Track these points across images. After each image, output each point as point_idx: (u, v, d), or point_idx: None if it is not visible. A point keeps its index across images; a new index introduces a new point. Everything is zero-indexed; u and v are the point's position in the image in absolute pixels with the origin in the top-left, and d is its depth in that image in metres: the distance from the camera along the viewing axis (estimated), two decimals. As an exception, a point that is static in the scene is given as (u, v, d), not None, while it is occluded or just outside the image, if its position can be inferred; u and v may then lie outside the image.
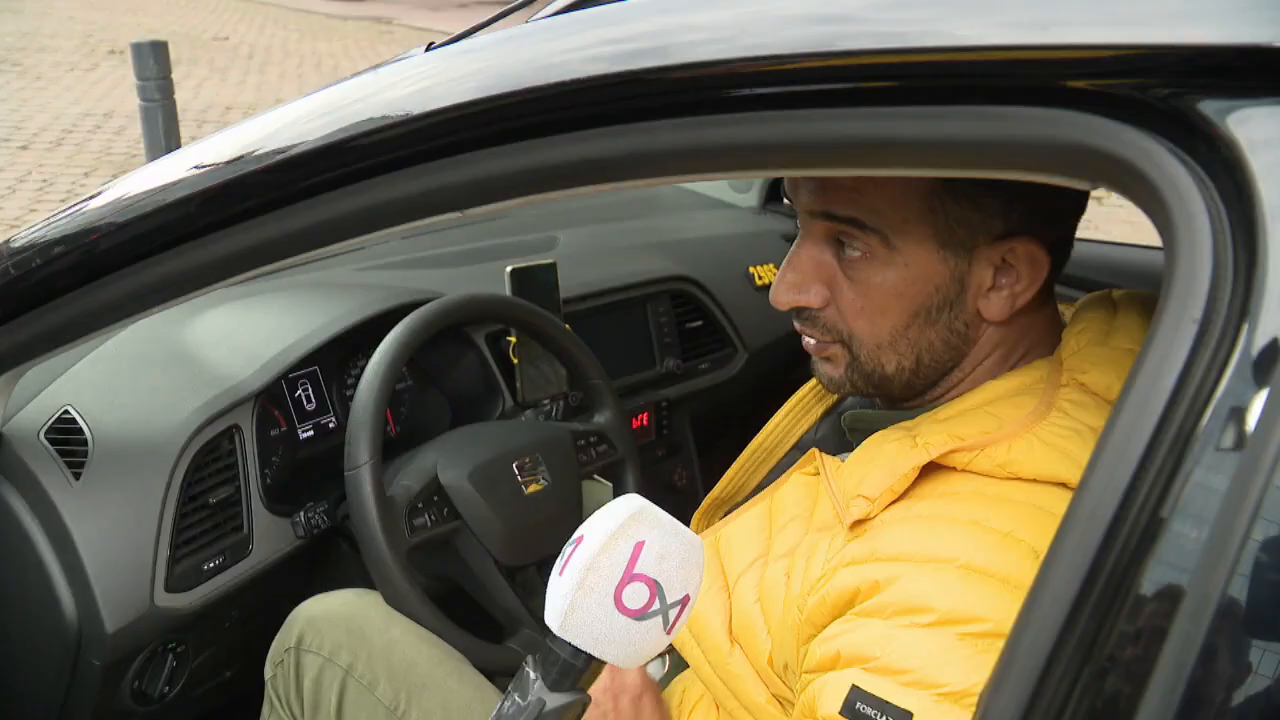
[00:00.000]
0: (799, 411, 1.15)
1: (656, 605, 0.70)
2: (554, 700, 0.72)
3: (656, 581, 0.70)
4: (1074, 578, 0.53)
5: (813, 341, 0.93)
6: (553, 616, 0.71)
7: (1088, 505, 0.54)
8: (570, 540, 0.73)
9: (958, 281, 0.86)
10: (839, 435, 1.04)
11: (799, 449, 1.11)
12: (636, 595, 0.70)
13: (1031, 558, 0.75)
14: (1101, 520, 0.53)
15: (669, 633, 0.72)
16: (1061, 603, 0.53)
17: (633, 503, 0.73)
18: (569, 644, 0.71)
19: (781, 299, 0.91)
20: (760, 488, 1.05)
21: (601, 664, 0.73)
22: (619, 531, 0.70)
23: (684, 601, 0.72)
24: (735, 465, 1.17)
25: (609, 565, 0.70)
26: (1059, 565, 0.54)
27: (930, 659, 0.74)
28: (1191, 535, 0.50)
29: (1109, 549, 0.52)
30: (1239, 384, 0.51)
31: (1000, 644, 0.56)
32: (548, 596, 0.72)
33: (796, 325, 0.93)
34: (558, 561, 0.73)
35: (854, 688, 0.76)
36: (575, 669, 0.72)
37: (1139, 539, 0.52)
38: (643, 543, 0.70)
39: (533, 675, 0.73)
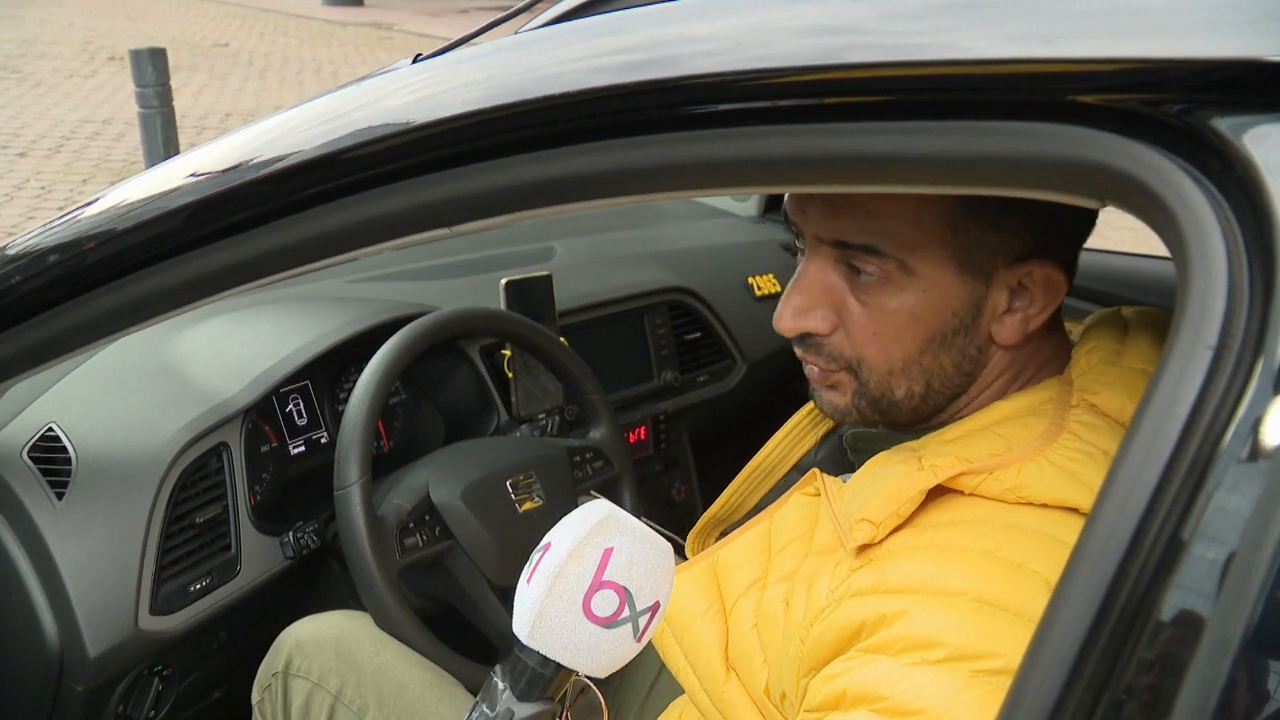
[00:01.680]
0: (799, 433, 1.12)
1: (626, 613, 0.70)
2: (522, 710, 0.72)
3: (626, 589, 0.69)
4: (1088, 607, 0.51)
5: (816, 370, 0.89)
6: (520, 625, 0.71)
7: (1101, 533, 0.51)
8: (538, 547, 0.71)
9: (974, 306, 0.83)
10: (840, 456, 1.02)
11: (798, 470, 1.08)
12: (605, 603, 0.69)
13: (1045, 589, 0.72)
14: (1116, 549, 0.51)
15: (639, 640, 0.71)
16: (1074, 634, 0.51)
17: (601, 508, 0.72)
18: (537, 653, 0.71)
19: (787, 326, 0.87)
20: (758, 509, 1.03)
21: (570, 672, 0.72)
22: (587, 538, 0.70)
23: (654, 608, 0.71)
24: (732, 486, 1.15)
25: (577, 573, 0.69)
26: (1071, 594, 0.52)
27: (942, 699, 0.71)
28: (1211, 562, 0.48)
29: (1124, 577, 0.50)
30: (1257, 411, 0.49)
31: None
32: (515, 604, 0.72)
33: (798, 351, 0.89)
34: (525, 568, 0.71)
35: None
36: (544, 678, 0.72)
37: (1155, 567, 0.50)
38: (611, 549, 0.69)
39: (501, 685, 0.73)
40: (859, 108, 0.63)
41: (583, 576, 0.69)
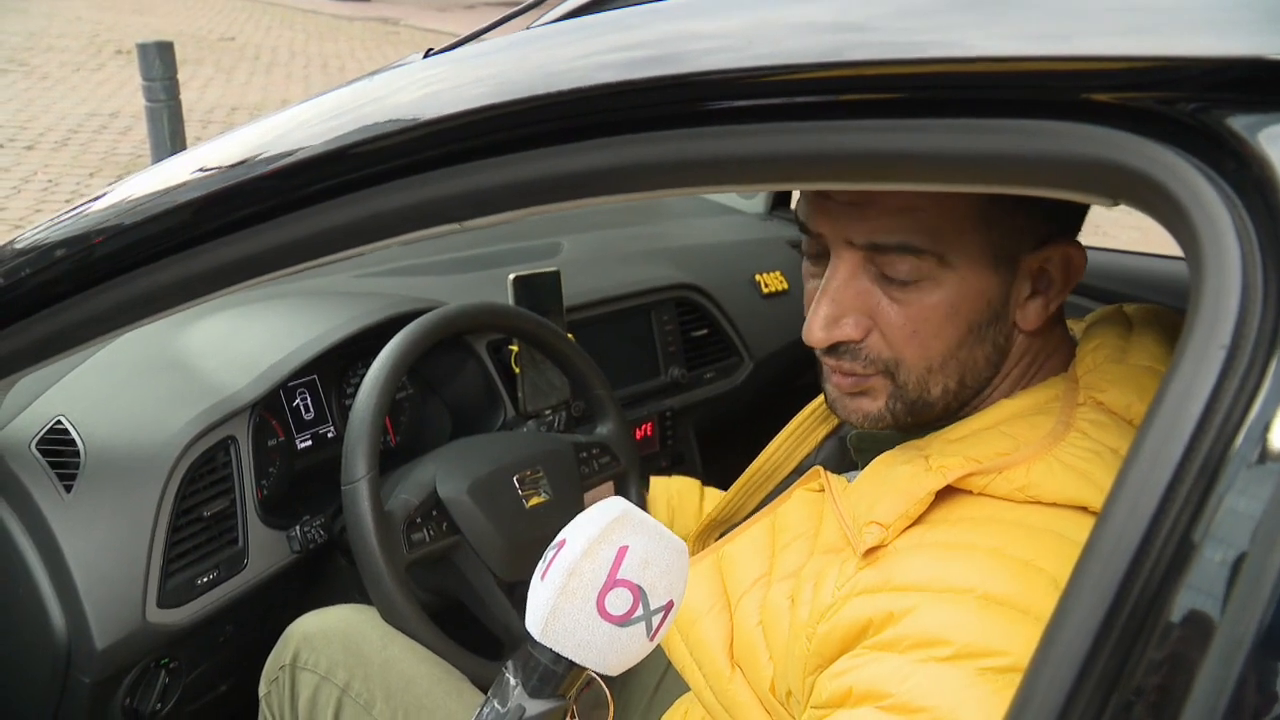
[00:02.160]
0: (800, 434, 1.12)
1: (640, 611, 0.69)
2: (534, 707, 0.71)
3: (640, 587, 0.69)
4: (1098, 607, 0.51)
5: (849, 379, 0.87)
6: (533, 622, 0.71)
7: (1111, 533, 0.51)
8: (552, 544, 0.71)
9: (1004, 293, 0.83)
10: (841, 456, 1.02)
11: (798, 473, 1.08)
12: (619, 601, 0.69)
13: (1052, 587, 0.72)
14: (1127, 549, 0.50)
15: (652, 639, 0.71)
16: (1084, 633, 0.51)
17: (616, 506, 0.72)
18: (550, 650, 0.70)
19: (819, 337, 0.84)
20: (760, 509, 1.03)
21: (582, 670, 0.72)
22: (602, 536, 0.69)
23: (667, 608, 0.70)
24: (733, 488, 1.15)
25: (591, 570, 0.69)
26: (1081, 594, 0.52)
27: (949, 696, 0.71)
28: (1222, 563, 0.48)
29: (1134, 578, 0.50)
30: (1270, 412, 0.49)
31: (1020, 680, 0.54)
32: (528, 601, 0.71)
33: (829, 362, 0.87)
34: (539, 565, 0.71)
35: None
36: (556, 675, 0.71)
37: (1166, 567, 0.49)
38: (626, 547, 0.69)
39: (512, 681, 0.73)
40: (870, 105, 0.62)
41: (597, 574, 0.68)
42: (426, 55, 0.84)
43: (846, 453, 1.01)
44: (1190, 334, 0.52)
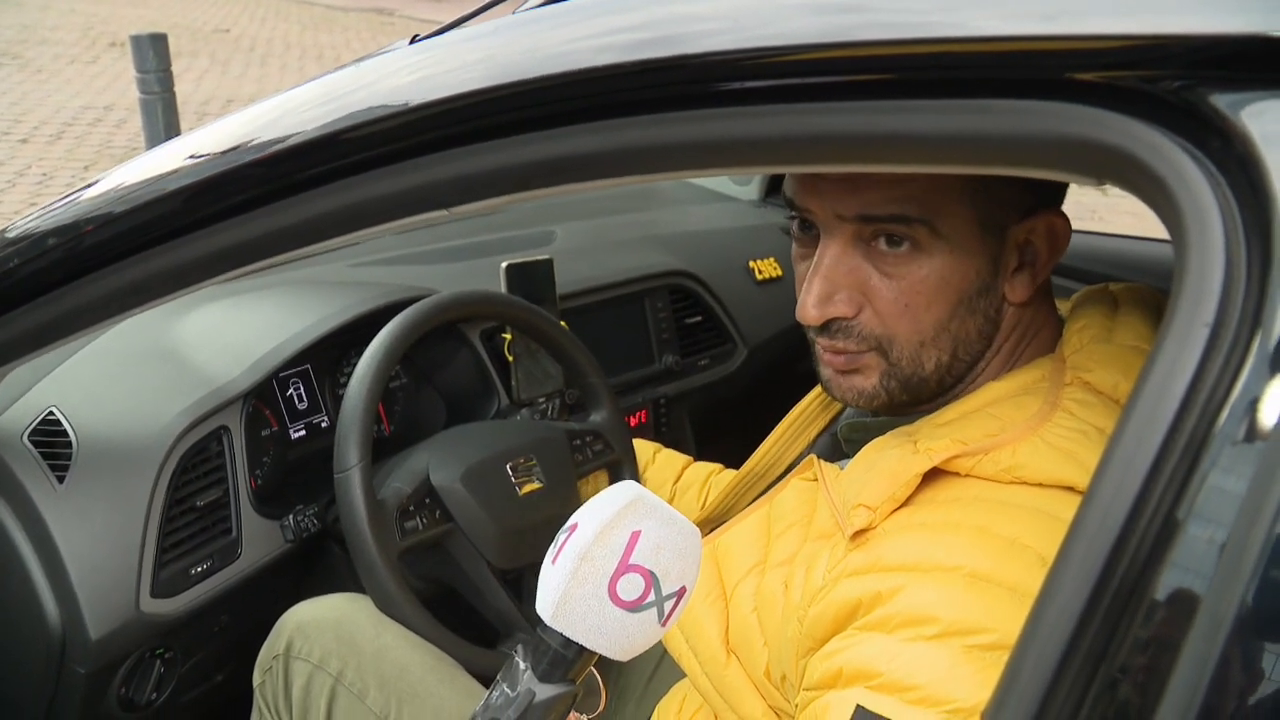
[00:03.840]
0: (790, 435, 1.12)
1: (652, 597, 0.69)
2: (544, 691, 0.71)
3: (652, 573, 0.69)
4: (1083, 585, 0.51)
5: (841, 357, 0.87)
6: (544, 606, 0.70)
7: (1097, 512, 0.51)
8: (564, 527, 0.71)
9: (993, 263, 0.84)
10: (833, 451, 1.02)
11: (790, 472, 1.08)
12: (631, 586, 0.68)
13: (1038, 565, 0.72)
14: (1112, 527, 0.50)
15: (664, 625, 0.70)
16: (1070, 612, 0.51)
17: (629, 490, 0.71)
18: (560, 634, 0.70)
19: (812, 315, 0.84)
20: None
21: (593, 655, 0.71)
22: (614, 520, 0.69)
23: (680, 593, 0.70)
24: (725, 488, 1.15)
25: (603, 555, 0.68)
26: (1067, 573, 0.52)
27: (937, 674, 0.71)
28: (1207, 541, 0.48)
29: (1120, 556, 0.50)
30: (1253, 390, 0.49)
31: (1007, 656, 0.54)
32: (539, 585, 0.71)
33: (822, 341, 0.87)
34: (550, 549, 0.71)
35: (859, 708, 0.73)
36: (566, 660, 0.71)
37: (1151, 546, 0.49)
38: (639, 532, 0.69)
39: (522, 665, 0.72)
40: (859, 86, 0.62)
41: (609, 559, 0.68)
42: (413, 41, 0.84)
43: (838, 446, 1.02)
44: (1174, 312, 0.52)
